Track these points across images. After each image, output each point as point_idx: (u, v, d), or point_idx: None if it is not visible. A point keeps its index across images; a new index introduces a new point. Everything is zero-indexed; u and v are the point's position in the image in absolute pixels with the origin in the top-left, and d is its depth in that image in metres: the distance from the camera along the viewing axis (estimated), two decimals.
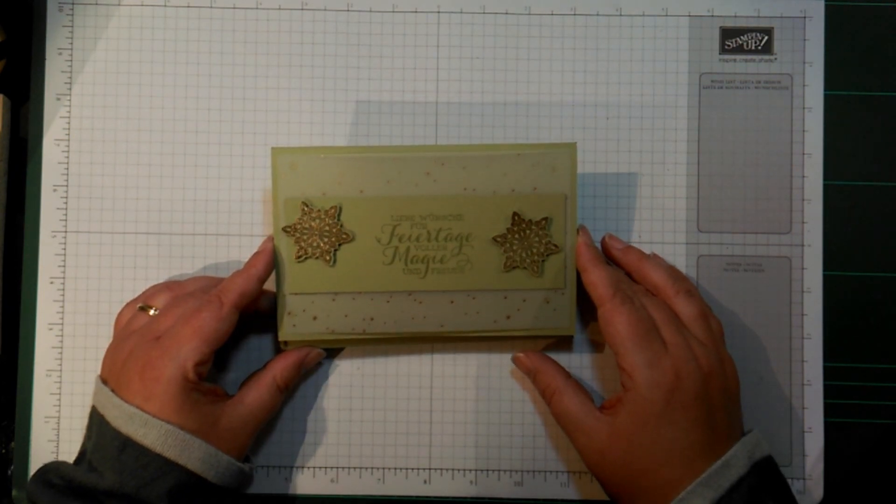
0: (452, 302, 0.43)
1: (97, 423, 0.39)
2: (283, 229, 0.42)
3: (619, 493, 0.39)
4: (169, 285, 0.43)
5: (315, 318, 0.42)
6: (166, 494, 0.37)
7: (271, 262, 0.42)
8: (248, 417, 0.41)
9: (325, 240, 0.42)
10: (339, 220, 0.42)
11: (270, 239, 0.42)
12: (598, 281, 0.41)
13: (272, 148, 0.42)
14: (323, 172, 0.42)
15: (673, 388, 0.38)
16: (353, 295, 0.42)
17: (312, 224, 0.42)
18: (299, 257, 0.42)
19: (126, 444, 0.38)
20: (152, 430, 0.38)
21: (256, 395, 0.42)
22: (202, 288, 0.43)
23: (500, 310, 0.43)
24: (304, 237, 0.42)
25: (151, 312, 0.42)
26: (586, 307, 0.45)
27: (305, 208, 0.42)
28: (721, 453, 0.38)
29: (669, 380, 0.38)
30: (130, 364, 0.39)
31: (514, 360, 0.45)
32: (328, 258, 0.42)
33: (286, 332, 0.43)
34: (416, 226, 0.42)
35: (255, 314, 0.44)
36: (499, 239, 0.42)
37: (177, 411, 0.38)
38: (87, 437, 0.40)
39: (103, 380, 0.41)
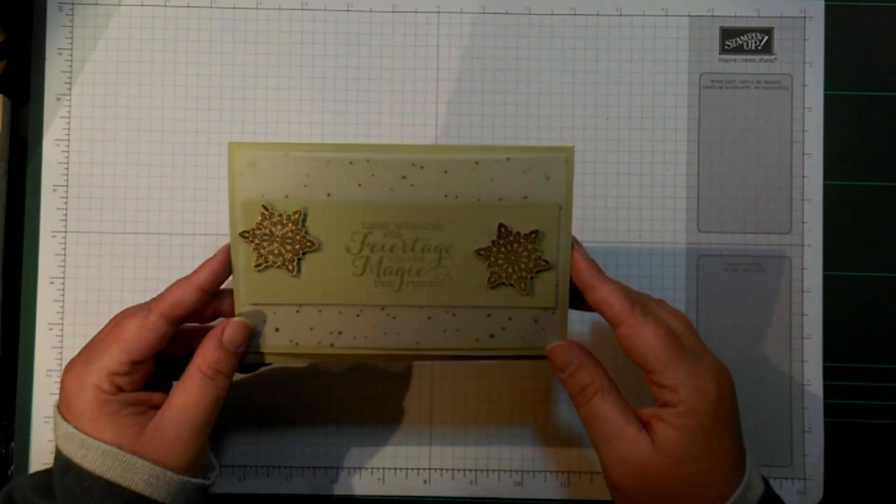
0: (430, 318, 0.38)
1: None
2: (241, 234, 0.37)
3: None
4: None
5: (277, 330, 0.38)
6: None
7: (218, 271, 0.38)
8: (179, 418, 0.36)
9: (288, 247, 0.38)
10: (303, 226, 0.38)
11: (228, 247, 0.38)
12: (612, 297, 0.37)
13: (229, 143, 0.37)
14: (286, 172, 0.37)
15: (718, 397, 0.36)
16: (320, 307, 0.38)
17: (273, 230, 0.37)
18: (258, 266, 0.38)
19: (68, 467, 0.35)
20: (90, 452, 0.35)
21: (181, 391, 0.37)
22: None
23: (482, 328, 0.39)
24: (265, 244, 0.38)
25: None
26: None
27: (265, 212, 0.37)
28: (742, 464, 0.37)
29: (713, 390, 0.36)
30: (64, 379, 0.37)
31: (551, 351, 0.39)
32: (291, 267, 0.38)
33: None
34: (391, 235, 0.38)
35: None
36: (483, 252, 0.38)
37: (91, 421, 0.35)
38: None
39: (58, 403, 0.38)
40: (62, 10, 0.47)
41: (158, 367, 0.39)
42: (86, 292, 0.47)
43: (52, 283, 0.47)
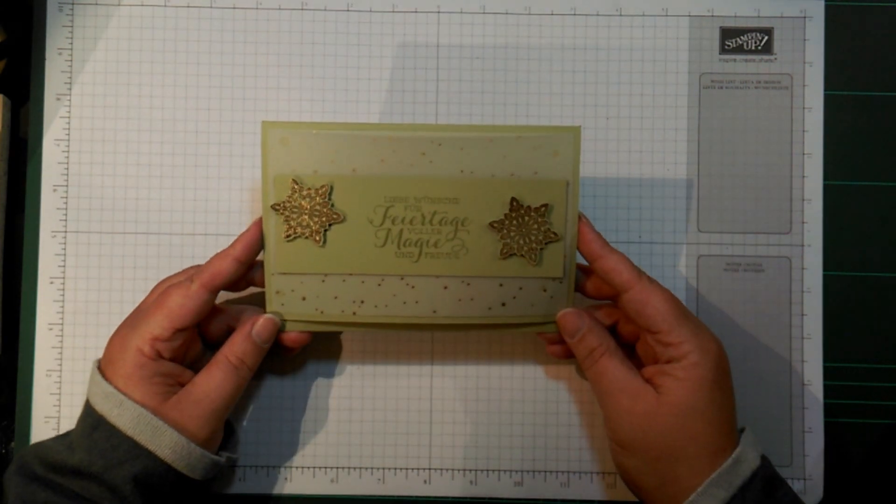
0: (446, 287, 0.41)
1: (86, 401, 0.40)
2: (272, 207, 0.40)
3: (656, 459, 0.38)
4: (195, 267, 0.43)
5: (304, 299, 0.41)
6: (132, 479, 0.37)
7: (253, 243, 0.41)
8: (200, 396, 0.39)
9: (315, 219, 0.40)
10: (330, 199, 0.40)
11: (259, 221, 0.41)
12: (620, 265, 0.40)
13: (263, 122, 0.40)
14: (315, 149, 0.40)
15: (719, 355, 0.39)
16: (344, 277, 0.41)
17: (302, 202, 0.40)
18: (288, 236, 0.41)
19: (99, 423, 0.38)
20: (126, 412, 0.38)
21: (207, 373, 0.40)
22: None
23: (494, 297, 0.41)
24: (294, 216, 0.40)
25: None
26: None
27: (295, 186, 0.40)
28: (735, 439, 0.39)
29: (715, 347, 0.39)
30: (111, 340, 0.41)
31: (562, 318, 0.41)
32: (318, 238, 0.41)
33: (274, 310, 0.42)
34: (410, 208, 0.40)
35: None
36: (496, 225, 0.41)
37: (125, 379, 0.38)
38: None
39: (99, 361, 0.41)
40: (62, 10, 0.47)
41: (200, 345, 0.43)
42: (86, 292, 0.47)
43: (52, 283, 0.47)
